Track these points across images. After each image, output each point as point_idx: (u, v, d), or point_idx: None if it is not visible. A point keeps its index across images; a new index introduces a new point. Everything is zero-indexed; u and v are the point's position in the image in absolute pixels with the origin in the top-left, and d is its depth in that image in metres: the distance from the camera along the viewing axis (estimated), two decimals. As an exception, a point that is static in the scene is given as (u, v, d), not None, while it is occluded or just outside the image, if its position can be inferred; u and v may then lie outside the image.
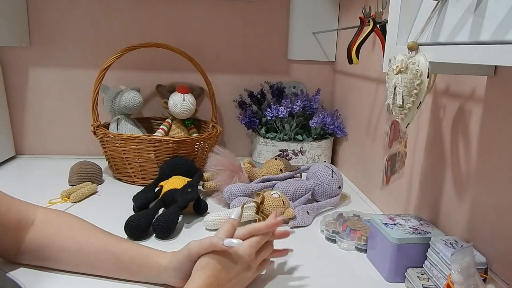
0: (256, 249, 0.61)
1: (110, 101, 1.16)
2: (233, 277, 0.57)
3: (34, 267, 0.64)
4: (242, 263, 0.58)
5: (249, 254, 0.59)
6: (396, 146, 0.74)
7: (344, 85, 1.25)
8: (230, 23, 1.27)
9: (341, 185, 0.97)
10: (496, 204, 0.58)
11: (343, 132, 1.20)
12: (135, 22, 1.23)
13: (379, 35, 0.87)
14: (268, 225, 0.62)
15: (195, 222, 0.86)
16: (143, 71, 1.27)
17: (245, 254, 0.59)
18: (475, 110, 0.63)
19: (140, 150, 1.01)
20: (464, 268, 0.51)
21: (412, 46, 0.51)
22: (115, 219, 0.81)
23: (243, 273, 0.59)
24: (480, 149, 0.62)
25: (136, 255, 0.62)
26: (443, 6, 0.50)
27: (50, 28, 1.20)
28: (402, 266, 0.65)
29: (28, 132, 1.26)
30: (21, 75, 1.22)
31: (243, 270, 0.59)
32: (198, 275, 0.54)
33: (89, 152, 1.27)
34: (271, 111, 1.17)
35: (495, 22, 0.40)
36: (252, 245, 0.60)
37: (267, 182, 0.98)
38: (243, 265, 0.59)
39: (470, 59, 0.42)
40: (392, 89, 0.54)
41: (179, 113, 1.17)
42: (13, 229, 0.61)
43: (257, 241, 0.61)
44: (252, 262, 0.60)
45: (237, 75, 1.32)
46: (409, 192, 0.82)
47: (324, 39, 1.30)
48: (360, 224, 0.81)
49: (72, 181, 1.01)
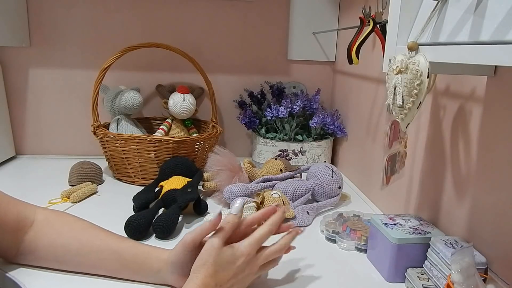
0: (256, 247, 0.59)
1: (110, 101, 1.16)
2: (232, 277, 0.56)
3: (34, 267, 0.64)
4: (241, 262, 0.57)
5: (248, 253, 0.57)
6: (396, 146, 0.74)
7: (344, 85, 1.25)
8: (230, 23, 1.27)
9: (341, 185, 0.97)
10: (496, 204, 0.58)
11: (343, 132, 1.20)
12: (135, 22, 1.23)
13: (379, 35, 0.87)
14: (263, 213, 0.61)
15: (195, 222, 0.86)
16: (143, 71, 1.27)
17: (245, 253, 0.57)
18: (475, 110, 0.63)
19: (140, 150, 1.01)
20: (464, 268, 0.51)
21: (412, 46, 0.51)
22: (115, 219, 0.81)
23: (243, 272, 0.57)
24: (480, 149, 0.62)
25: (138, 252, 0.62)
26: (443, 6, 0.50)
27: (50, 28, 1.20)
28: (402, 266, 0.65)
29: (28, 132, 1.26)
30: (21, 75, 1.22)
31: (243, 269, 0.57)
32: (196, 275, 0.54)
33: (89, 152, 1.27)
34: (271, 111, 1.17)
35: (495, 22, 0.40)
36: (252, 244, 0.58)
37: (267, 182, 0.98)
38: (243, 265, 0.57)
39: (470, 59, 0.42)
40: (392, 89, 0.54)
41: (179, 113, 1.17)
42: (13, 230, 0.61)
43: (257, 239, 0.59)
44: (253, 261, 0.58)
45: (237, 75, 1.32)
46: (409, 192, 0.82)
47: (324, 39, 1.30)
48: (360, 224, 0.81)
49: (72, 181, 1.01)
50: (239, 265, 0.57)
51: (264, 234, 0.60)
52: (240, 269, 0.57)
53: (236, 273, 0.56)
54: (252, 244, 0.58)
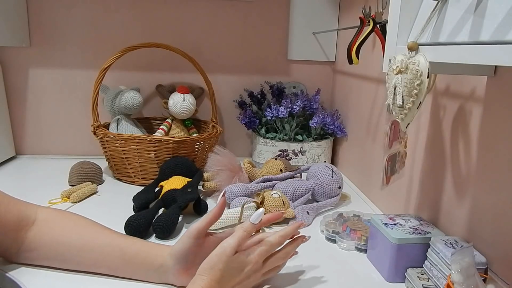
0: (264, 257, 0.60)
1: (110, 101, 1.16)
2: (237, 283, 0.57)
3: (34, 267, 0.64)
4: (248, 269, 0.57)
5: (256, 261, 0.58)
6: (396, 146, 0.74)
7: (344, 85, 1.25)
8: (230, 23, 1.27)
9: (341, 185, 0.97)
10: (496, 204, 0.58)
11: (343, 132, 1.20)
12: (135, 22, 1.23)
13: (379, 35, 0.87)
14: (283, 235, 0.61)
15: (195, 222, 0.85)
16: (143, 71, 1.27)
17: (253, 261, 0.58)
18: (475, 110, 0.63)
19: (140, 150, 1.01)
20: (464, 268, 0.51)
21: (412, 46, 0.51)
22: (115, 219, 0.81)
23: (248, 279, 0.58)
24: (480, 149, 0.62)
25: (141, 248, 0.63)
26: (443, 6, 0.50)
27: (50, 28, 1.20)
28: (402, 266, 0.65)
29: (28, 132, 1.26)
30: (21, 75, 1.22)
31: (249, 276, 0.58)
32: (202, 277, 0.54)
33: (89, 152, 1.27)
34: (271, 111, 1.17)
35: (495, 22, 0.40)
36: (261, 254, 0.59)
37: (267, 182, 0.98)
38: (249, 272, 0.58)
39: (470, 59, 0.42)
40: (392, 89, 0.54)
41: (179, 113, 1.17)
42: (14, 229, 0.61)
43: (268, 249, 0.59)
44: (258, 270, 0.59)
45: (237, 75, 1.32)
46: (409, 192, 0.82)
47: (324, 39, 1.30)
48: (360, 224, 0.81)
49: (72, 181, 1.01)
50: (246, 272, 0.57)
51: (274, 244, 0.61)
52: (246, 276, 0.57)
53: (241, 280, 0.57)
54: (262, 254, 0.59)
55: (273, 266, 0.62)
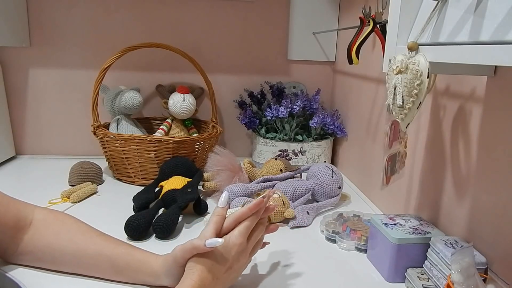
0: (246, 235, 0.59)
1: (110, 101, 1.16)
2: (228, 268, 0.57)
3: (34, 267, 0.64)
4: (235, 252, 0.57)
5: (240, 242, 0.58)
6: (396, 146, 0.74)
7: (344, 85, 1.25)
8: (230, 23, 1.27)
9: (341, 185, 0.97)
10: (496, 204, 0.58)
11: (343, 132, 1.20)
12: (135, 22, 1.23)
13: (379, 35, 0.87)
14: (251, 207, 0.60)
15: (195, 222, 0.86)
16: (143, 71, 1.27)
17: (237, 244, 0.57)
18: (475, 110, 0.63)
19: (140, 150, 1.01)
20: (464, 268, 0.51)
21: (412, 46, 0.51)
22: (115, 219, 0.81)
23: (238, 262, 0.59)
24: (480, 149, 0.62)
25: (131, 261, 0.61)
26: (443, 6, 0.50)
27: (50, 28, 1.20)
28: (402, 266, 0.65)
29: (28, 132, 1.26)
30: (21, 75, 1.22)
31: (237, 259, 0.58)
32: (192, 271, 0.54)
33: (89, 152, 1.27)
34: (271, 111, 1.17)
35: (495, 22, 0.40)
36: (242, 233, 0.58)
37: (267, 182, 0.98)
38: (236, 255, 0.58)
39: (470, 59, 0.42)
40: (392, 89, 0.54)
41: (179, 113, 1.17)
42: (13, 229, 0.61)
43: (247, 227, 0.59)
44: (245, 250, 0.59)
45: (237, 75, 1.32)
46: (409, 192, 0.82)
47: (324, 39, 1.30)
48: (360, 224, 0.81)
49: (72, 181, 1.01)
50: (233, 256, 0.57)
51: (251, 221, 0.60)
52: (234, 260, 0.58)
53: (231, 264, 0.57)
54: (242, 233, 0.59)
55: (256, 240, 0.62)
